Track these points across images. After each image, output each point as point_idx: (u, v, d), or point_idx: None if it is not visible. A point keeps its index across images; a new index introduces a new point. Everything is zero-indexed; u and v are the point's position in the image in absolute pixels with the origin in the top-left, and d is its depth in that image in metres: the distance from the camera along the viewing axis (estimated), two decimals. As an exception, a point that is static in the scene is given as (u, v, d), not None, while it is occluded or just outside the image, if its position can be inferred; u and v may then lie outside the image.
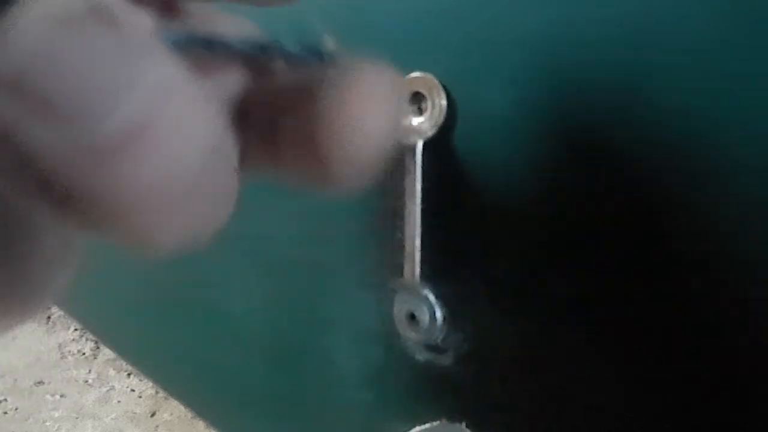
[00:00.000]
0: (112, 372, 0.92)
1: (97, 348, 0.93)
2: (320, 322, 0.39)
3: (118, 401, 0.89)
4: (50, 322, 0.98)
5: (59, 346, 0.96)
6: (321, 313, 0.39)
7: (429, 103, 0.32)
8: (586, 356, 0.30)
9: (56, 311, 0.96)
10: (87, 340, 0.96)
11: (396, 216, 0.33)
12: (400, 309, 0.34)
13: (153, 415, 0.86)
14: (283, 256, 0.41)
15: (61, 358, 0.95)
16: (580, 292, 0.30)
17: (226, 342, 0.46)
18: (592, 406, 0.30)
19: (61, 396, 0.91)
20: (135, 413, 0.87)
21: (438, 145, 0.32)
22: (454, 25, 0.31)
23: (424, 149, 0.32)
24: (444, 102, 0.31)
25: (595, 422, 0.30)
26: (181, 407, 0.67)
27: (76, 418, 0.88)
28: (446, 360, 0.34)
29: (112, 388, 0.91)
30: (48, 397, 0.91)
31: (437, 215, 0.32)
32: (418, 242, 0.33)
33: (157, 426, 0.84)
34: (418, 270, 0.33)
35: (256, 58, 0.17)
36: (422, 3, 0.32)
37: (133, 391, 0.89)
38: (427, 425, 0.34)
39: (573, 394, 0.31)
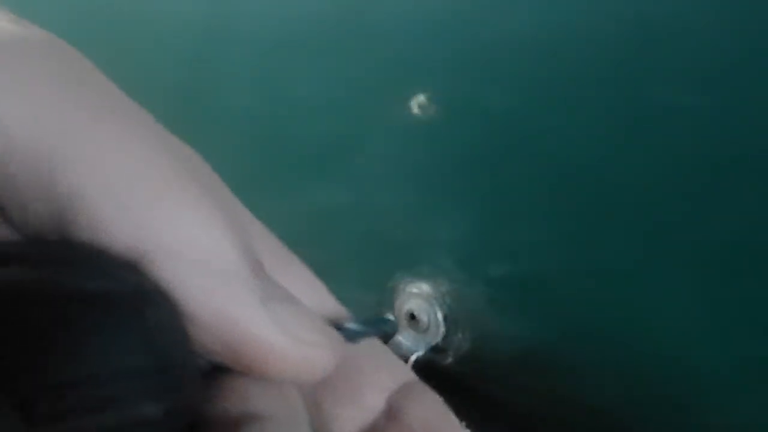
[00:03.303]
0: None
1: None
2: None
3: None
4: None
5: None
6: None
7: (424, 321, 0.33)
8: (586, 356, 0.30)
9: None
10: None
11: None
12: (400, 309, 0.34)
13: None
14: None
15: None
16: (581, 293, 0.30)
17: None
18: (592, 406, 0.30)
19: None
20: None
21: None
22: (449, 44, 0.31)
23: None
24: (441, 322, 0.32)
25: (595, 422, 0.30)
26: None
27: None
28: (446, 360, 0.34)
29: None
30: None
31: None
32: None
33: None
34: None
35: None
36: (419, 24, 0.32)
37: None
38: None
39: (572, 393, 0.31)
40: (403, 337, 0.34)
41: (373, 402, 0.17)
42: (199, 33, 0.41)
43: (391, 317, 0.32)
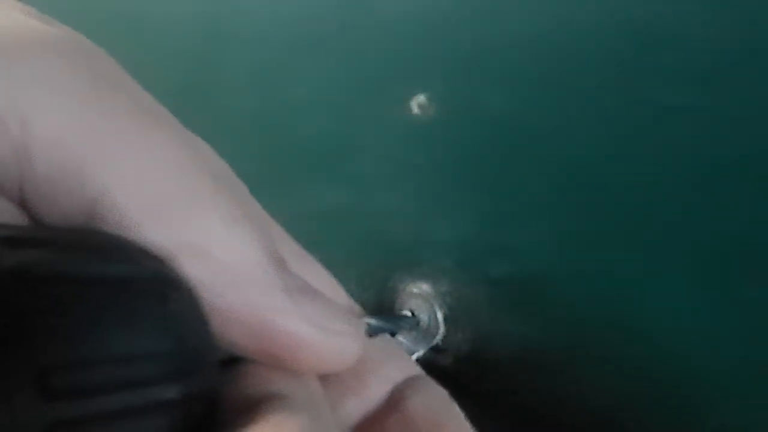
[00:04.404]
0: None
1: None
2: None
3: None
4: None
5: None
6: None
7: (424, 321, 0.32)
8: (586, 356, 0.30)
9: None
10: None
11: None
12: (400, 309, 0.34)
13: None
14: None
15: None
16: (581, 293, 0.30)
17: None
18: (591, 406, 0.30)
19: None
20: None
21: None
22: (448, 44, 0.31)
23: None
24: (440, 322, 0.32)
25: (595, 421, 0.30)
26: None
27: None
28: (446, 360, 0.34)
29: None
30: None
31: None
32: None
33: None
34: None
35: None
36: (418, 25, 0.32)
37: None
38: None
39: (573, 394, 0.31)
40: (403, 337, 0.34)
41: (376, 393, 0.17)
42: (199, 33, 0.41)
43: (408, 313, 0.32)
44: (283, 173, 0.39)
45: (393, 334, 0.32)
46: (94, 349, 0.11)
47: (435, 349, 0.34)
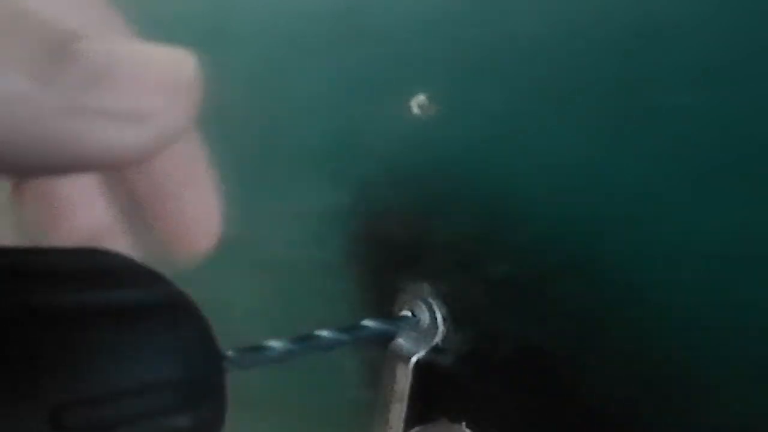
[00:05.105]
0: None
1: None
2: (319, 323, 0.39)
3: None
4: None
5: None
6: (320, 313, 0.39)
7: (424, 321, 0.32)
8: (586, 356, 0.30)
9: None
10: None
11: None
12: (400, 309, 0.34)
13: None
14: (283, 256, 0.41)
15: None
16: (581, 292, 0.30)
17: (227, 342, 0.46)
18: (592, 407, 0.30)
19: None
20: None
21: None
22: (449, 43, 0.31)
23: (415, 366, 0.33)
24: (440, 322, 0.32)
25: (595, 422, 0.30)
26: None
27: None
28: (446, 360, 0.34)
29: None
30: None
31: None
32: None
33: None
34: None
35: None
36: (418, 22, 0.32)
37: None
38: (428, 425, 0.34)
39: (573, 394, 0.31)
40: (403, 338, 0.34)
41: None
42: (199, 32, 0.41)
43: (408, 314, 0.32)
44: (282, 173, 0.39)
45: (393, 335, 0.32)
46: (106, 385, 0.11)
47: (435, 349, 0.34)
